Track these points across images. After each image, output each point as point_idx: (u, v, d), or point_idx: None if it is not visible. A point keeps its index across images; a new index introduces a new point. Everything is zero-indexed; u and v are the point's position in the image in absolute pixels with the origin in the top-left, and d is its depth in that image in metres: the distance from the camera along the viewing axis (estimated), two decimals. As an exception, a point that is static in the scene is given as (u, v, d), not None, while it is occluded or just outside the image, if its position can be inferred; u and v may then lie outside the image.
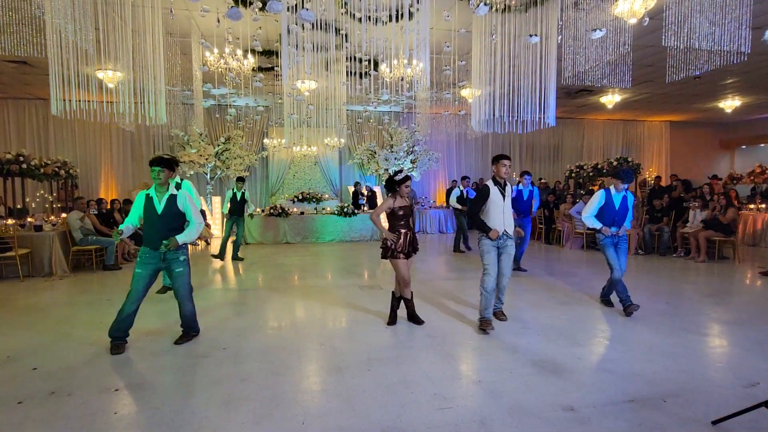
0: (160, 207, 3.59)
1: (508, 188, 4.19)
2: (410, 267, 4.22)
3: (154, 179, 3.60)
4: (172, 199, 3.63)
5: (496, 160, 4.11)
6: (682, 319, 4.38)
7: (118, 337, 3.60)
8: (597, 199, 4.67)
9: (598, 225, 4.62)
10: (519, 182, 6.89)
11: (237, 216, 7.97)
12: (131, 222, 3.69)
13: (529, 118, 5.98)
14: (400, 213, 4.12)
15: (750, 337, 3.88)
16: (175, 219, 3.63)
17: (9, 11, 5.16)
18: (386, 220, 4.38)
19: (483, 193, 4.14)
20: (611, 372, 3.21)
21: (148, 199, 3.61)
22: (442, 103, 10.75)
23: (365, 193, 12.12)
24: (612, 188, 4.66)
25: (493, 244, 4.11)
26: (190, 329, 3.87)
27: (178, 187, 5.28)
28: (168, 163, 3.64)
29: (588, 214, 4.65)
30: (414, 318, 4.31)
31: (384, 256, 4.14)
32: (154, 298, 5.31)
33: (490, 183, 4.14)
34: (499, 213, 4.07)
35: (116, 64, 5.86)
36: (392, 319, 4.29)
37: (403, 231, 4.12)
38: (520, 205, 6.67)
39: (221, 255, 7.86)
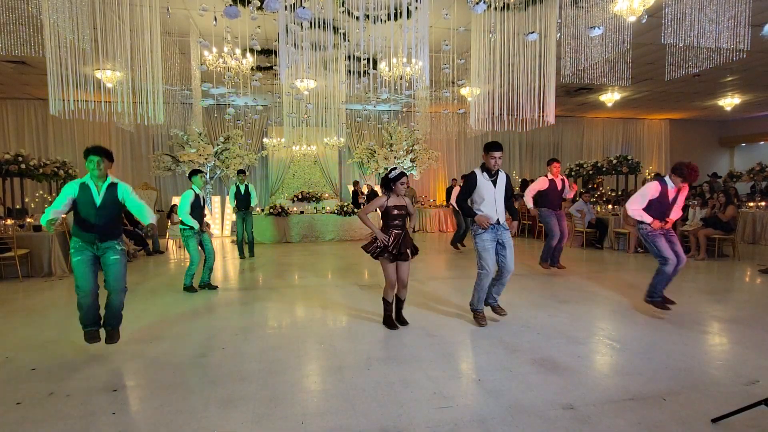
0: (99, 198, 3.36)
1: (501, 177, 3.98)
2: (407, 271, 3.99)
3: (92, 170, 3.33)
4: (113, 187, 3.41)
5: (487, 149, 3.94)
6: (681, 316, 4.37)
7: (91, 324, 3.49)
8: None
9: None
10: (547, 173, 6.66)
11: (244, 210, 7.97)
12: (56, 208, 3.34)
13: (529, 116, 5.97)
14: (395, 212, 3.87)
15: (750, 334, 3.88)
16: (114, 209, 3.43)
17: (6, 11, 5.14)
18: (380, 219, 4.15)
19: (469, 181, 4.01)
20: (611, 370, 3.20)
21: (84, 188, 3.35)
22: (441, 102, 10.74)
23: (365, 192, 12.11)
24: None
25: (490, 238, 3.94)
26: (118, 322, 3.58)
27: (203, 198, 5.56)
28: (109, 154, 3.41)
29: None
30: (398, 317, 4.14)
31: (373, 256, 3.93)
32: (152, 299, 5.30)
33: (477, 171, 4.01)
34: (490, 202, 3.93)
35: (114, 64, 5.85)
36: (389, 323, 4.09)
37: (395, 232, 3.88)
38: (556, 197, 6.35)
39: (242, 254, 8.01)
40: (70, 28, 4.68)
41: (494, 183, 3.96)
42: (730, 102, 12.25)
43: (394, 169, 3.90)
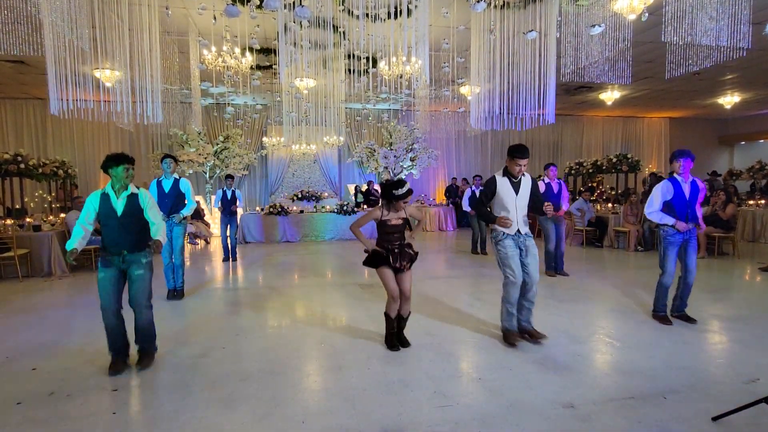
0: (120, 207, 3.22)
1: (525, 182, 3.64)
2: (409, 282, 3.59)
3: (120, 179, 3.21)
4: (134, 198, 3.28)
5: (511, 154, 3.55)
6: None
7: (114, 353, 3.28)
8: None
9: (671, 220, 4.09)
10: (542, 176, 6.73)
11: (228, 215, 7.94)
12: (82, 223, 3.22)
13: (529, 115, 5.96)
14: (392, 224, 3.50)
15: (750, 332, 3.88)
16: (137, 219, 3.29)
17: (5, 10, 5.13)
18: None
19: (489, 186, 3.64)
20: (611, 369, 3.21)
21: (105, 198, 3.23)
22: (441, 101, 10.73)
23: (363, 190, 12.12)
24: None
25: (512, 245, 3.59)
26: (150, 345, 3.40)
27: (176, 183, 5.29)
28: (133, 161, 3.31)
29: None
30: (399, 336, 3.67)
31: (365, 263, 3.58)
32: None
33: (498, 175, 3.66)
34: (511, 212, 3.57)
35: (113, 63, 5.84)
36: (390, 343, 3.63)
37: (391, 245, 3.52)
38: (554, 201, 6.37)
39: (226, 256, 7.98)
40: (68, 28, 4.67)
41: (516, 190, 3.60)
42: (730, 100, 12.23)
43: (401, 183, 3.46)
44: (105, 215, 3.22)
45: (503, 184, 3.62)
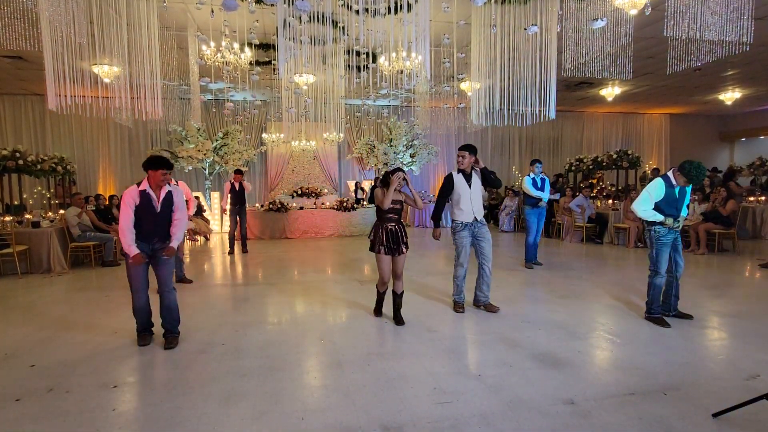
0: (158, 205, 3.62)
1: (475, 176, 4.35)
2: (402, 264, 4.09)
3: (158, 181, 3.60)
4: (169, 195, 3.69)
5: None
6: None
7: (142, 330, 3.74)
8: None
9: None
10: (530, 172, 6.90)
11: (239, 206, 8.17)
12: (128, 225, 3.55)
13: (529, 110, 5.94)
14: (389, 209, 4.02)
15: (750, 329, 3.88)
16: (169, 213, 3.72)
17: (2, 4, 5.09)
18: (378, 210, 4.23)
19: (446, 182, 4.37)
20: (611, 365, 3.20)
21: (145, 196, 3.59)
22: (441, 97, 10.68)
23: (365, 188, 12.09)
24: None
25: (467, 234, 4.30)
26: (174, 326, 3.72)
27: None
28: (172, 167, 3.73)
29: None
30: (396, 316, 4.14)
31: (370, 248, 4.08)
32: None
33: (453, 172, 4.37)
34: (467, 201, 4.27)
35: (112, 59, 5.80)
36: (377, 310, 4.34)
37: (390, 225, 4.00)
38: (535, 195, 6.79)
39: (232, 249, 8.19)
40: (66, 22, 4.63)
41: (469, 183, 4.31)
42: (731, 96, 12.17)
43: (395, 169, 4.04)
44: (144, 210, 3.58)
45: (459, 179, 4.33)
